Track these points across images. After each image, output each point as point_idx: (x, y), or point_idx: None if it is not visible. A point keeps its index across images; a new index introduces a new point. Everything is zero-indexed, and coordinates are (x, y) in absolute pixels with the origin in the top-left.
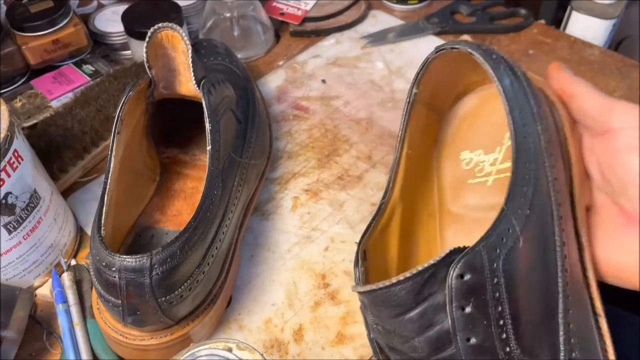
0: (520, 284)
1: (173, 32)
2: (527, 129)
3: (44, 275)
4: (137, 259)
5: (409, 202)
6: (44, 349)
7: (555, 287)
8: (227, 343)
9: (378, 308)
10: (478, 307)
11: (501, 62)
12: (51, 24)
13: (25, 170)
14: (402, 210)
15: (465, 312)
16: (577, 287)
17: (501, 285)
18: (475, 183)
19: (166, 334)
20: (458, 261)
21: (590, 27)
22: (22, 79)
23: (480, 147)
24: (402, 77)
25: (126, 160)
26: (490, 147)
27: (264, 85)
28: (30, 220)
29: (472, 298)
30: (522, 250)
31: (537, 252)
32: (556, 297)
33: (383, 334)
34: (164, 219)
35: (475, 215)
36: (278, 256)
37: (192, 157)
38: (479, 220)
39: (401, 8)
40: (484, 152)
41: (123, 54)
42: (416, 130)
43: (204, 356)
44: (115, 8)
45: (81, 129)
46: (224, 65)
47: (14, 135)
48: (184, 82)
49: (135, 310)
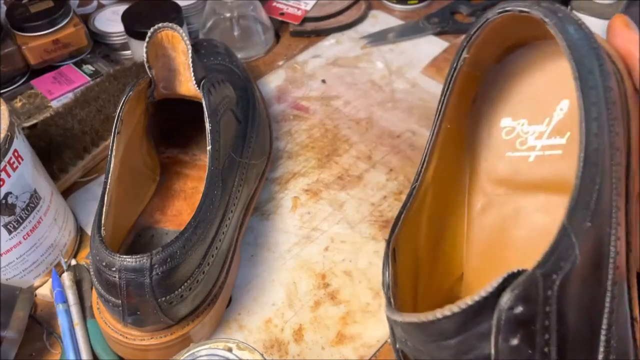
0: (571, 308)
1: (173, 32)
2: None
3: (44, 275)
4: (137, 259)
5: (441, 184)
6: (44, 349)
7: (603, 302)
8: (227, 343)
9: (413, 331)
10: (524, 338)
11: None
12: (51, 24)
13: (25, 170)
14: (434, 194)
15: (511, 345)
16: (622, 298)
17: (552, 313)
18: (515, 157)
19: (166, 334)
20: (512, 292)
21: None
22: (22, 79)
23: (525, 116)
24: (402, 77)
25: (126, 160)
26: (537, 117)
27: (264, 85)
28: (30, 220)
29: (520, 330)
30: (578, 270)
31: (592, 269)
32: (602, 313)
33: (413, 351)
34: (164, 219)
35: (509, 192)
36: (278, 256)
37: (192, 157)
38: (513, 199)
39: (401, 8)
40: (529, 122)
41: (123, 54)
42: (456, 98)
43: (204, 356)
44: (115, 8)
45: (81, 129)
46: (224, 65)
47: (14, 135)
48: (184, 82)
49: (136, 310)
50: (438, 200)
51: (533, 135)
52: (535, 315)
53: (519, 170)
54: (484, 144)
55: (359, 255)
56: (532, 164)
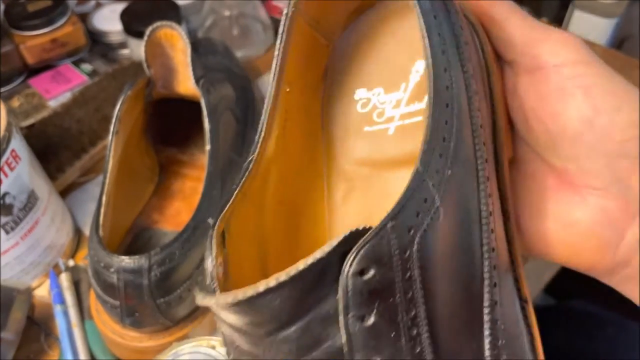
0: (439, 277)
1: (172, 30)
2: (447, 57)
3: (42, 276)
4: (135, 260)
5: (290, 160)
6: (41, 350)
7: (480, 274)
8: (210, 341)
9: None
10: (384, 314)
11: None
12: (49, 22)
13: (23, 170)
14: (280, 174)
15: (366, 325)
16: (504, 269)
17: (415, 281)
18: (373, 131)
19: (165, 335)
20: (356, 252)
21: (592, 26)
22: (19, 78)
23: (379, 84)
24: None
25: (124, 160)
26: (392, 84)
27: (264, 84)
28: (28, 220)
29: (376, 303)
30: (441, 227)
31: (459, 229)
32: (481, 288)
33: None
34: (163, 219)
35: (373, 173)
36: None
37: (191, 156)
38: (378, 180)
39: None
40: (385, 91)
41: (121, 53)
42: (298, 61)
43: (188, 354)
44: (114, 7)
45: (79, 129)
46: (223, 64)
47: (12, 135)
48: (182, 81)
49: (134, 312)
50: (287, 181)
51: (390, 104)
52: (393, 283)
53: (380, 145)
54: (340, 122)
55: None
56: (393, 137)
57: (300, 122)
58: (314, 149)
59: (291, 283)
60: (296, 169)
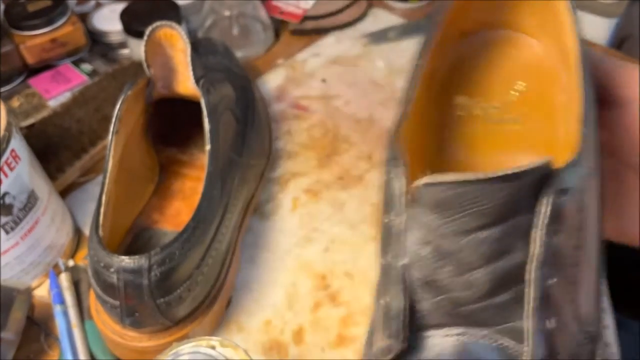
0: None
1: (172, 30)
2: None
3: (42, 276)
4: (135, 260)
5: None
6: (41, 351)
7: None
8: (210, 341)
9: (444, 216)
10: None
11: None
12: (49, 22)
13: (22, 170)
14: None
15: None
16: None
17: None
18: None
19: (165, 336)
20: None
21: (592, 26)
22: (19, 78)
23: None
24: (403, 76)
25: (124, 160)
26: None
27: (264, 84)
28: (28, 220)
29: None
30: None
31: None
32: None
33: (429, 260)
34: (163, 219)
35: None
36: (278, 257)
37: (191, 156)
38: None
39: (402, 6)
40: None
41: (121, 52)
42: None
43: (187, 354)
44: (114, 7)
45: (79, 129)
46: (223, 64)
47: (12, 135)
48: (182, 81)
49: (134, 312)
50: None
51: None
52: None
53: None
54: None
55: (360, 256)
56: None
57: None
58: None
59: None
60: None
